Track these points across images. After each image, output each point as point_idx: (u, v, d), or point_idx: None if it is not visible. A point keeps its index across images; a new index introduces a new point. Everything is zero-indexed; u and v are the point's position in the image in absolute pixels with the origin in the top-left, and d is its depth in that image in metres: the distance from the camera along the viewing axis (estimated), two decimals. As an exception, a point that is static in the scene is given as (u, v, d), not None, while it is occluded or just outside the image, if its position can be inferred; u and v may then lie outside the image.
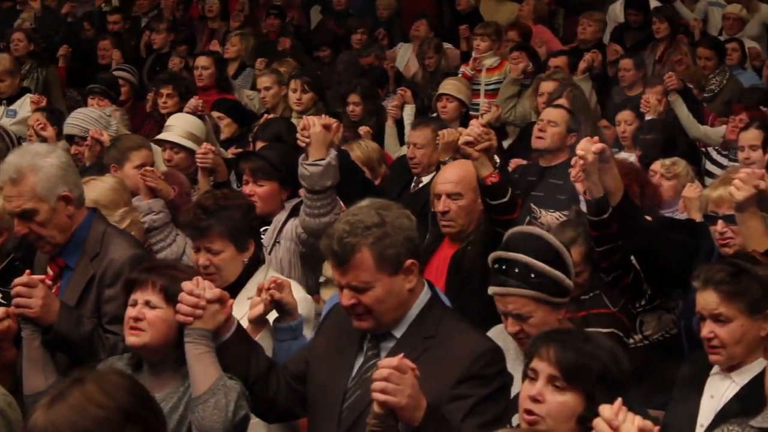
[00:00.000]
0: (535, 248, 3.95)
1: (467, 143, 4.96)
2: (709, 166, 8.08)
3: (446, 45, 11.33)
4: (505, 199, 4.95)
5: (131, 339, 3.72)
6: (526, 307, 3.93)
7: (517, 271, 3.92)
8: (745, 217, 4.38)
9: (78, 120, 7.31)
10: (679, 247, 5.19)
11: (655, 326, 5.14)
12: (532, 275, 3.92)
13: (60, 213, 4.32)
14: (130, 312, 3.72)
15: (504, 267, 3.95)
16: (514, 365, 3.84)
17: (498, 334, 4.09)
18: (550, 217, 5.92)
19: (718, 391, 3.98)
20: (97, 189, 5.31)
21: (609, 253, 4.84)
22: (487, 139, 4.97)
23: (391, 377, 3.19)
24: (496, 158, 5.35)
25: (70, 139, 7.28)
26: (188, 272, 3.84)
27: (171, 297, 3.66)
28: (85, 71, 10.77)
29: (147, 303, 3.72)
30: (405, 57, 11.72)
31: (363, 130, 8.29)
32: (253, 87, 10.18)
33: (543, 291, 3.92)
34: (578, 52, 10.18)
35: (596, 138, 4.80)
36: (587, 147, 4.59)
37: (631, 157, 7.54)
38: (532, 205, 6.14)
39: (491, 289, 3.99)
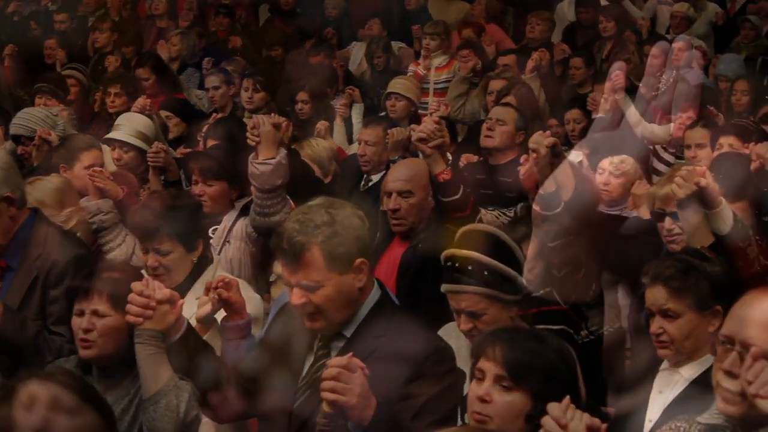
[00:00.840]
0: (487, 245, 3.96)
1: (420, 140, 4.96)
2: (656, 164, 8.11)
3: (399, 44, 11.32)
4: (458, 197, 4.96)
5: (84, 352, 3.68)
6: (479, 305, 3.94)
7: (470, 268, 3.92)
8: (687, 213, 4.41)
9: (24, 120, 7.23)
10: (628, 243, 5.21)
11: (599, 321, 5.16)
12: (485, 272, 3.92)
13: (2, 215, 4.28)
14: (79, 323, 3.68)
15: (457, 264, 3.95)
16: (466, 363, 3.83)
17: (450, 332, 4.09)
18: (490, 215, 5.92)
19: (667, 386, 4.00)
20: (42, 189, 5.26)
21: (560, 248, 4.85)
22: (441, 136, 4.97)
23: (340, 376, 3.19)
24: (449, 155, 5.35)
25: (17, 139, 7.20)
26: (132, 272, 3.80)
27: (118, 303, 3.62)
28: (32, 71, 10.65)
29: (95, 312, 3.68)
30: (359, 56, 11.68)
31: (322, 124, 8.25)
32: (201, 86, 10.10)
33: (496, 288, 3.93)
34: (528, 50, 10.21)
35: (548, 132, 4.81)
36: (540, 140, 4.58)
37: (579, 155, 7.56)
38: None
39: (444, 287, 3.99)
